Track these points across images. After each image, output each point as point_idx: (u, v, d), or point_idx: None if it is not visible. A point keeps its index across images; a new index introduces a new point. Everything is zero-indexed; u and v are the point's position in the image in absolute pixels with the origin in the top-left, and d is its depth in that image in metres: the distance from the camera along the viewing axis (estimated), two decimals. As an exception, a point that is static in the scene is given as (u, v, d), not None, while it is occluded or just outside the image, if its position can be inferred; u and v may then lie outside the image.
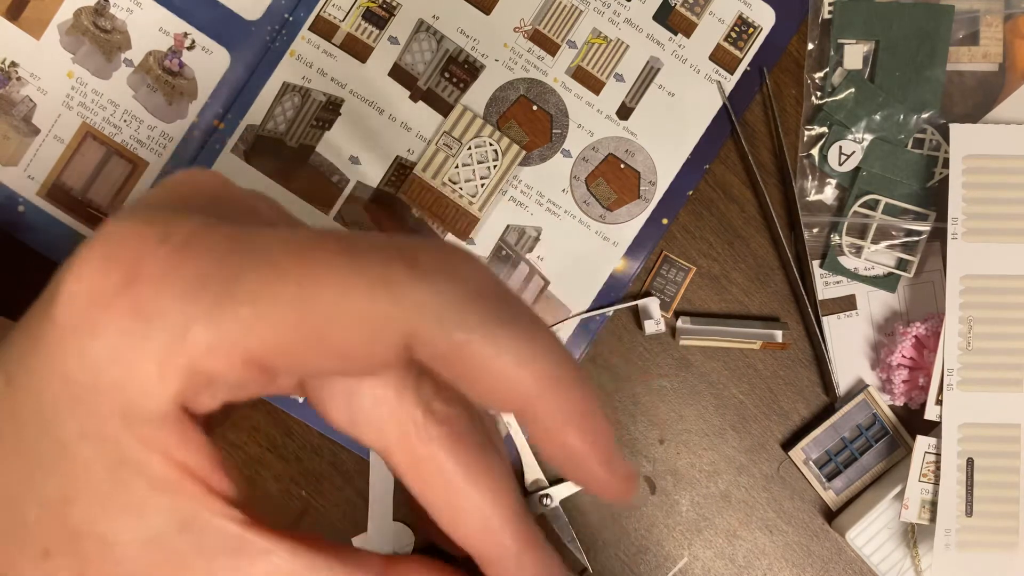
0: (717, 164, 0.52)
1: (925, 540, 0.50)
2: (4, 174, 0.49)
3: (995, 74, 0.51)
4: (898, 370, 0.50)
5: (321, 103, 0.50)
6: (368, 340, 0.17)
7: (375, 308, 0.17)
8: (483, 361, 0.17)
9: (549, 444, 0.18)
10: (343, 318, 0.17)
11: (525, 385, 0.17)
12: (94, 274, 0.18)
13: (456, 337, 0.17)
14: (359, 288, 0.17)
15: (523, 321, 0.18)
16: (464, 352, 0.17)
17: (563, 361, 0.18)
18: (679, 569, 0.52)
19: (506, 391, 0.17)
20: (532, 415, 0.18)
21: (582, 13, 0.51)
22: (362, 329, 0.17)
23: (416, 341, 0.17)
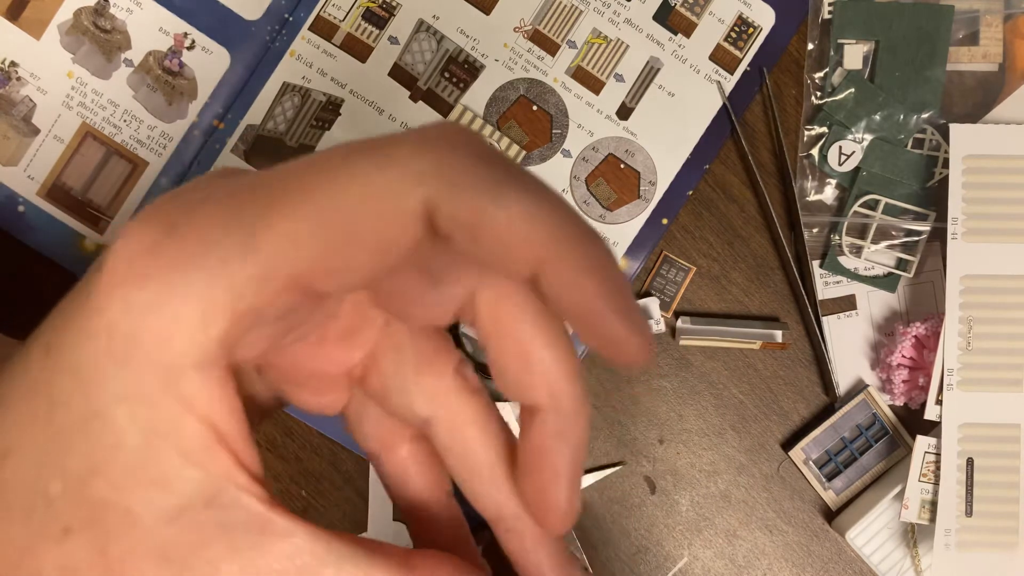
0: (717, 164, 0.52)
1: (925, 540, 0.50)
2: (4, 174, 0.49)
3: (995, 74, 0.51)
4: (898, 370, 0.50)
5: (321, 103, 0.50)
6: (393, 218, 0.17)
7: (391, 185, 0.17)
8: (496, 221, 0.17)
9: (567, 302, 0.18)
10: (367, 205, 0.17)
11: (539, 238, 0.17)
12: (142, 231, 0.18)
13: (467, 200, 0.17)
14: (373, 173, 0.17)
15: (527, 181, 0.18)
16: (478, 214, 0.17)
17: (573, 216, 0.18)
18: (679, 569, 0.52)
19: (521, 248, 0.17)
20: (548, 274, 0.18)
21: (582, 13, 0.51)
22: (385, 209, 0.17)
23: (435, 210, 0.17)
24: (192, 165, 0.49)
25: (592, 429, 0.51)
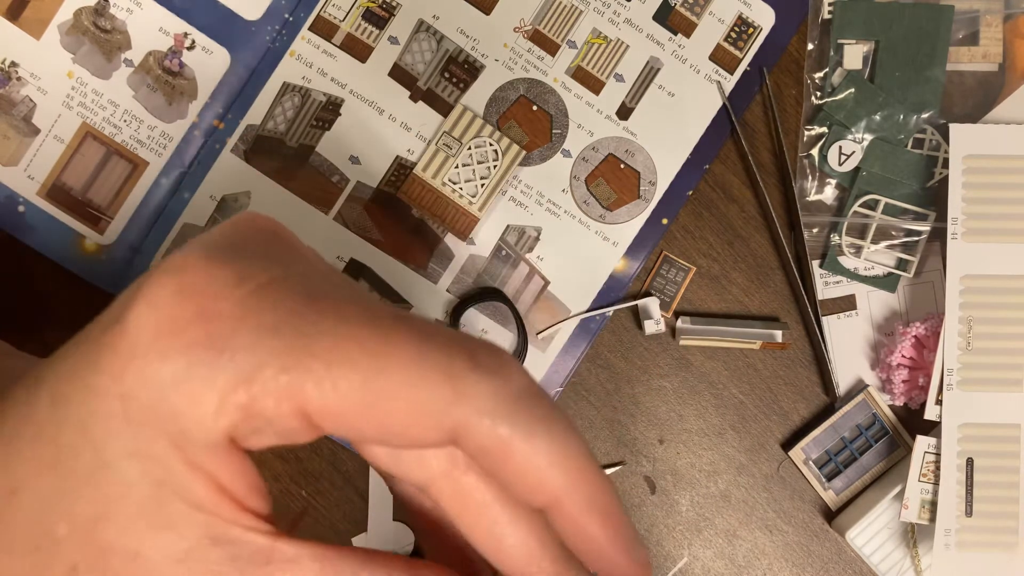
0: (717, 164, 0.52)
1: (925, 540, 0.50)
2: (4, 174, 0.49)
3: (995, 74, 0.51)
4: (898, 370, 0.50)
5: (321, 103, 0.50)
6: (422, 425, 0.18)
7: (436, 397, 0.18)
8: (521, 457, 0.19)
9: (575, 534, 0.20)
10: (405, 400, 0.18)
11: (556, 481, 0.19)
12: (168, 303, 0.19)
13: (501, 433, 0.18)
14: (427, 375, 0.18)
15: (557, 422, 0.19)
16: (505, 448, 0.19)
17: (589, 462, 0.20)
18: (679, 569, 0.52)
19: (539, 485, 0.19)
20: (560, 508, 0.19)
21: (582, 13, 0.51)
22: (420, 414, 0.18)
23: (465, 432, 0.18)
24: (192, 165, 0.49)
25: (592, 429, 0.52)
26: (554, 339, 0.51)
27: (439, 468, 0.21)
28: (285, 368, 0.18)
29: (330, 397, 0.18)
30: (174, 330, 0.18)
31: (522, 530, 0.21)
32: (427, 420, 0.18)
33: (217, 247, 0.20)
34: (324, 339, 0.18)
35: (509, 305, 0.50)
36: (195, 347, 0.18)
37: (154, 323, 0.19)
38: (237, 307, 0.19)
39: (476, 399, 0.18)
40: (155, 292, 0.19)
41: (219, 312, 0.18)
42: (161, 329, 0.18)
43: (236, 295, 0.19)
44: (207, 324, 0.18)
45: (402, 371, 0.18)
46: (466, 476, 0.21)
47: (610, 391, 0.52)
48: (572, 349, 0.51)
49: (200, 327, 0.18)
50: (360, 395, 0.18)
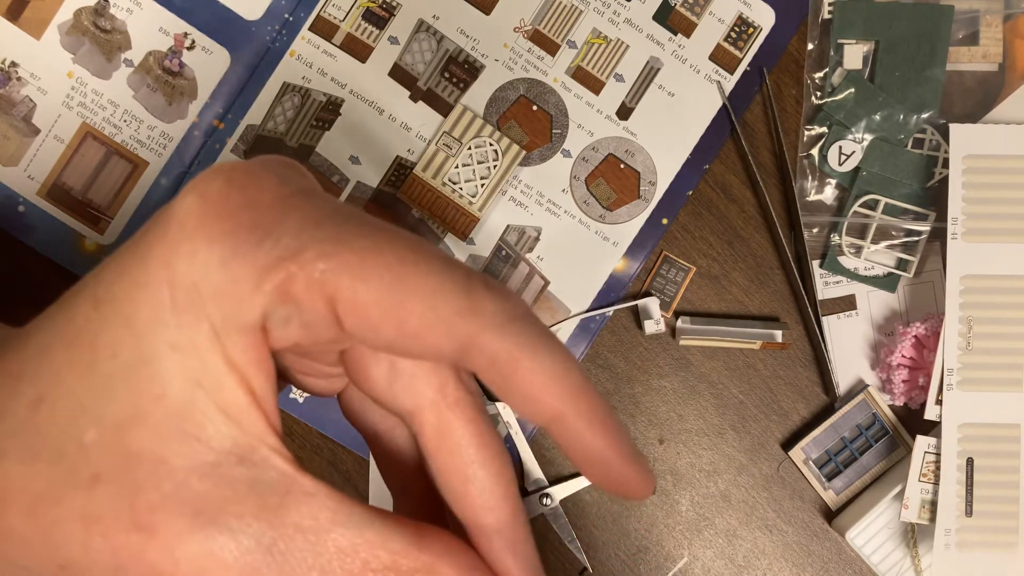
0: (717, 164, 0.52)
1: (925, 540, 0.50)
2: (4, 174, 0.49)
3: (995, 74, 0.51)
4: (898, 370, 0.50)
5: (321, 103, 0.50)
6: (439, 331, 0.19)
7: (455, 306, 0.19)
8: (527, 370, 0.19)
9: (578, 446, 0.20)
10: (428, 305, 0.19)
11: (560, 394, 0.20)
12: (216, 192, 0.20)
13: (510, 346, 0.19)
14: (447, 286, 0.19)
15: (557, 344, 0.20)
16: (514, 360, 0.19)
17: (587, 380, 0.21)
18: (679, 569, 0.52)
19: (543, 397, 0.20)
20: (564, 421, 0.20)
21: (582, 13, 0.51)
22: (439, 319, 0.19)
23: (478, 342, 0.19)
24: (192, 165, 0.49)
25: (592, 429, 0.51)
26: (554, 339, 0.51)
27: (428, 397, 0.22)
28: (324, 255, 0.19)
29: (360, 291, 0.19)
30: (222, 215, 0.19)
31: (490, 476, 0.21)
32: (444, 326, 0.19)
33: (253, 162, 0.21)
34: (361, 240, 0.19)
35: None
36: (241, 230, 0.19)
37: (202, 210, 0.19)
38: (281, 201, 0.20)
39: (489, 313, 0.19)
40: (202, 184, 0.20)
41: (265, 203, 0.19)
42: (209, 214, 0.19)
43: (281, 192, 0.20)
44: (253, 212, 0.19)
45: (428, 279, 0.19)
46: (450, 411, 0.22)
47: (610, 391, 0.52)
48: (572, 349, 0.51)
49: (247, 213, 0.19)
50: (388, 293, 0.19)
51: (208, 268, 0.19)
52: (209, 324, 0.19)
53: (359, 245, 0.19)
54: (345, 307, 0.19)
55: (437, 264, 0.19)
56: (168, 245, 0.19)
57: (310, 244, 0.19)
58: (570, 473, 0.51)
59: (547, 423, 0.20)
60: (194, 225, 0.19)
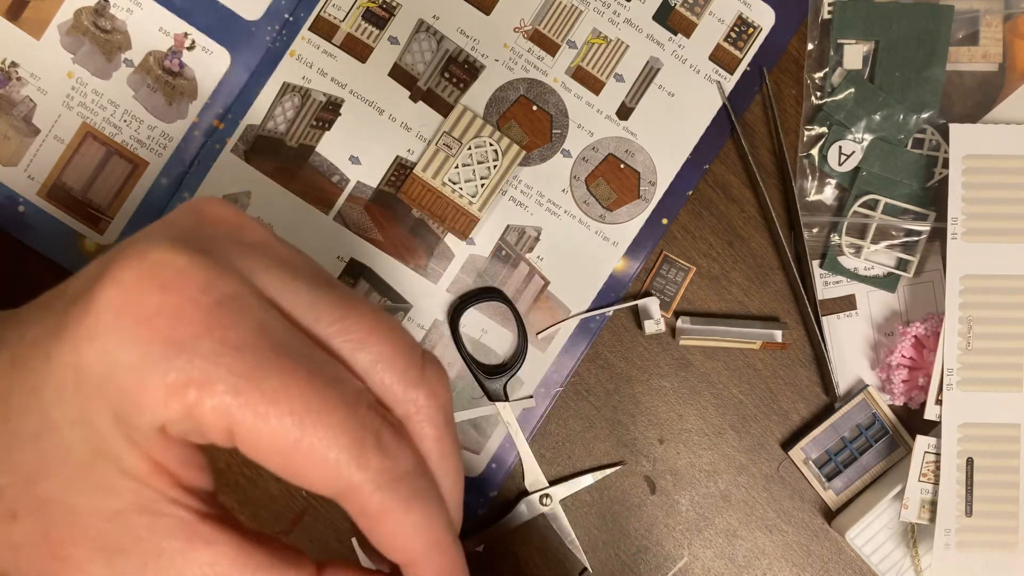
0: (717, 164, 0.52)
1: (925, 540, 0.50)
2: (4, 174, 0.49)
3: (995, 74, 0.51)
4: (898, 370, 0.50)
5: (321, 103, 0.50)
6: (323, 477, 0.21)
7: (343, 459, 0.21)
8: (394, 524, 0.22)
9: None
10: (319, 456, 0.21)
11: (417, 547, 0.22)
12: (135, 289, 0.20)
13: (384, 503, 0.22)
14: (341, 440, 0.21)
15: (432, 499, 0.23)
16: (384, 515, 0.22)
17: (450, 538, 0.23)
18: (679, 569, 0.52)
19: (403, 547, 0.22)
20: (414, 568, 0.23)
21: (582, 13, 0.51)
22: (326, 469, 0.21)
23: (355, 493, 0.21)
24: (192, 165, 0.49)
25: (592, 429, 0.52)
26: (554, 339, 0.51)
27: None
28: (234, 390, 0.20)
29: (260, 430, 0.20)
30: (138, 318, 0.20)
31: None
32: (329, 474, 0.21)
33: (182, 238, 0.21)
34: (272, 379, 0.20)
35: (509, 305, 0.50)
36: (157, 339, 0.20)
37: (120, 307, 0.20)
38: (203, 315, 0.20)
39: (374, 471, 0.21)
40: (123, 276, 0.20)
41: (185, 313, 0.20)
42: (125, 314, 0.20)
43: (203, 302, 0.20)
44: (172, 321, 0.20)
45: (325, 430, 0.21)
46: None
47: (610, 391, 0.52)
48: (572, 349, 0.51)
49: (165, 321, 0.20)
50: (284, 437, 0.20)
51: (116, 370, 0.20)
52: (111, 414, 0.20)
53: (269, 386, 0.20)
54: (243, 439, 0.20)
55: (339, 414, 0.21)
56: (81, 335, 0.20)
57: (222, 376, 0.20)
58: (570, 473, 0.51)
59: (402, 565, 0.23)
60: (109, 323, 0.20)
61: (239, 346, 0.20)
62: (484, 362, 0.51)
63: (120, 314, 0.20)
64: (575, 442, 0.52)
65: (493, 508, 0.51)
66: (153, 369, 0.19)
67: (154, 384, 0.19)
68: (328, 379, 0.21)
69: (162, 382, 0.19)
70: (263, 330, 0.21)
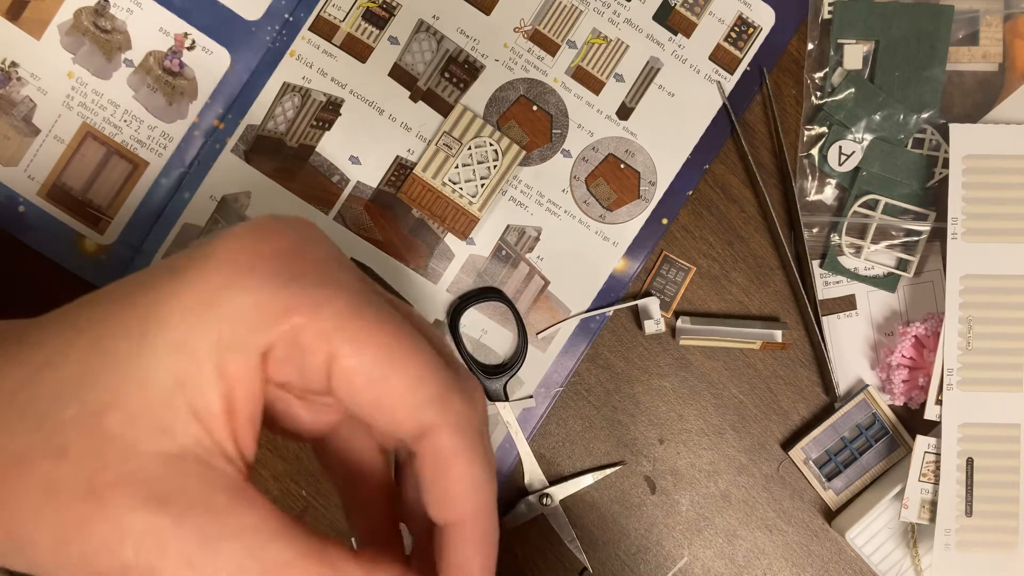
0: (717, 164, 0.52)
1: (925, 540, 0.50)
2: (4, 174, 0.49)
3: (995, 74, 0.51)
4: (898, 370, 0.50)
5: (321, 103, 0.50)
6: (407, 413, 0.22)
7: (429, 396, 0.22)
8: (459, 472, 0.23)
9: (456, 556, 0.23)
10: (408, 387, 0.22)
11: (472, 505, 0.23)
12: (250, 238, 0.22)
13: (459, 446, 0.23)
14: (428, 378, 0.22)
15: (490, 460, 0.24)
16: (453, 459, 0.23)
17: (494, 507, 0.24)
18: (679, 569, 0.52)
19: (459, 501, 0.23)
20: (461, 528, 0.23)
21: (582, 13, 0.51)
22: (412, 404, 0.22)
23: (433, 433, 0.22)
24: (192, 165, 0.49)
25: (592, 429, 0.52)
26: (554, 339, 0.51)
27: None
28: (338, 317, 0.21)
29: (356, 358, 0.21)
30: (256, 255, 0.21)
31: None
32: (415, 412, 0.22)
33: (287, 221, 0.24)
34: (370, 314, 0.22)
35: (509, 305, 0.50)
36: (272, 272, 0.21)
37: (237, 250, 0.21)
38: (313, 257, 0.22)
39: (454, 413, 0.22)
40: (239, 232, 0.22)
41: (298, 255, 0.22)
42: (243, 254, 0.21)
43: (313, 250, 0.22)
44: (286, 260, 0.22)
45: (415, 367, 0.22)
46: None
47: (610, 391, 0.52)
48: (572, 349, 0.51)
49: (280, 260, 0.22)
50: (378, 367, 0.21)
51: (234, 292, 0.21)
52: (217, 335, 0.21)
53: (369, 318, 0.22)
54: (339, 365, 0.21)
55: (427, 355, 0.22)
56: (202, 269, 0.21)
57: (329, 303, 0.21)
58: (570, 473, 0.51)
59: (447, 523, 0.23)
60: (229, 259, 0.21)
61: (344, 285, 0.22)
62: (484, 362, 0.51)
63: (238, 255, 0.21)
64: (575, 442, 0.52)
65: (493, 508, 0.51)
66: (269, 293, 0.21)
67: (268, 305, 0.21)
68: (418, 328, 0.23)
69: (275, 303, 0.21)
70: (363, 280, 0.23)
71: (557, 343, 0.51)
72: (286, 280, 0.21)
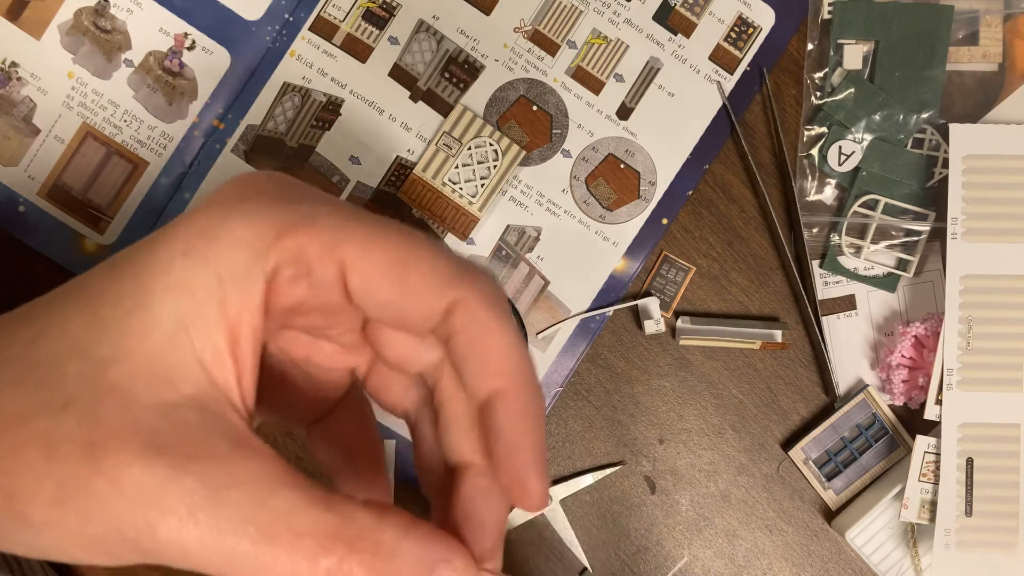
0: (717, 164, 0.52)
1: (925, 540, 0.50)
2: (4, 174, 0.49)
3: (995, 74, 0.51)
4: (898, 370, 0.50)
5: (321, 103, 0.50)
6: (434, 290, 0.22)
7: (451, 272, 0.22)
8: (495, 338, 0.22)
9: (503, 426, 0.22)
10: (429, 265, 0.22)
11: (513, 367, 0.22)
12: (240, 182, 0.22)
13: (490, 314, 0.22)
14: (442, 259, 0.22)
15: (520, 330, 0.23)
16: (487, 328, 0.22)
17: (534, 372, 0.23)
18: (679, 569, 0.52)
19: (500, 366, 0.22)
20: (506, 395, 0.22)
21: (582, 13, 0.51)
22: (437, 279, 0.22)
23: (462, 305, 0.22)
24: (192, 165, 0.49)
25: (592, 429, 0.52)
26: (554, 339, 0.51)
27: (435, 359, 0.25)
28: (339, 225, 0.21)
29: (368, 256, 0.21)
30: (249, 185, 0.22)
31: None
32: (439, 287, 0.22)
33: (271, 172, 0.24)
34: (371, 220, 0.22)
35: (509, 305, 0.50)
36: (266, 197, 0.21)
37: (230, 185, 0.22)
38: (301, 188, 0.23)
39: (478, 284, 0.22)
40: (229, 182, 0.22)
41: (287, 187, 0.22)
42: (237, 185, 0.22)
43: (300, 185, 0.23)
44: (279, 188, 0.22)
45: (430, 253, 0.22)
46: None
47: (610, 391, 0.52)
48: (572, 349, 0.51)
49: (274, 188, 0.22)
50: (394, 256, 0.21)
51: (230, 220, 0.21)
52: (216, 271, 0.20)
53: (368, 220, 0.22)
54: (352, 272, 0.21)
55: (436, 245, 0.22)
56: (193, 215, 0.21)
57: (327, 214, 0.21)
58: (570, 473, 0.51)
59: (489, 395, 0.22)
60: (218, 201, 0.21)
61: (337, 204, 0.22)
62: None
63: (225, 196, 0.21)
64: (575, 442, 0.52)
65: (493, 508, 0.51)
66: (266, 215, 0.21)
67: (266, 227, 0.21)
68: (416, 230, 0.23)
69: (274, 223, 0.21)
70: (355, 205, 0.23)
71: (557, 343, 0.51)
72: (279, 204, 0.21)
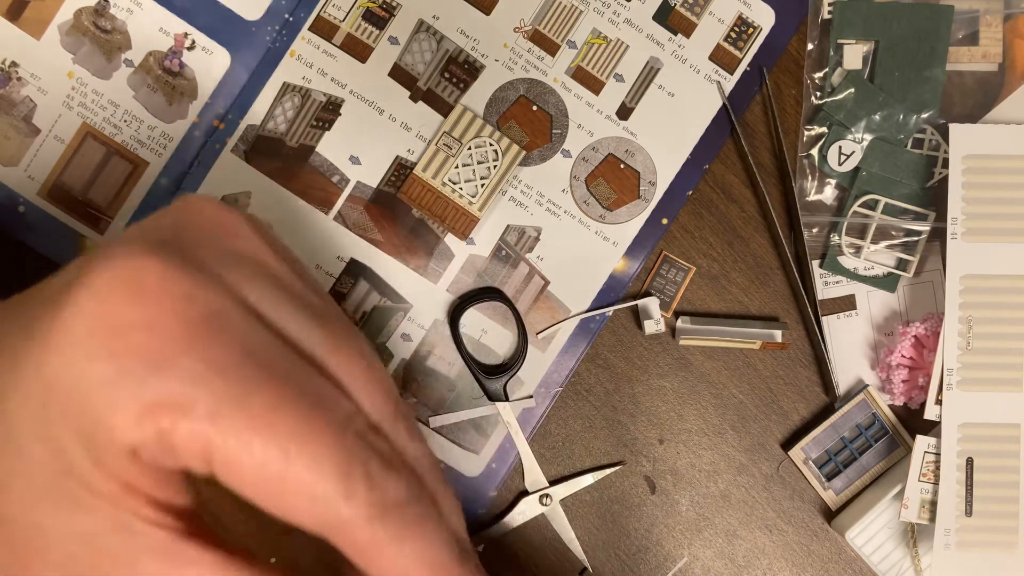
0: (717, 164, 0.52)
1: (925, 540, 0.50)
2: (4, 174, 0.49)
3: (995, 74, 0.51)
4: (898, 370, 0.50)
5: (321, 103, 0.50)
6: (309, 512, 0.19)
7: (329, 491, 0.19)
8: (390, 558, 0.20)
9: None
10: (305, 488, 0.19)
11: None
12: (108, 297, 0.18)
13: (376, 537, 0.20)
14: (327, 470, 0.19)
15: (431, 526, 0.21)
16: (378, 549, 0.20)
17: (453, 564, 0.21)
18: (679, 569, 0.52)
19: None
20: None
21: (582, 13, 0.51)
22: (311, 503, 0.19)
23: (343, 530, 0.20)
24: (192, 165, 0.49)
25: (592, 429, 0.52)
26: (554, 339, 0.51)
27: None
28: (216, 415, 0.18)
29: (242, 459, 0.18)
30: (111, 329, 0.18)
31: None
32: (317, 508, 0.19)
33: (163, 243, 0.19)
34: (256, 403, 0.18)
35: (509, 305, 0.50)
36: (130, 354, 0.18)
37: (91, 315, 0.18)
38: (183, 329, 0.18)
39: (362, 504, 0.19)
40: (97, 282, 0.18)
41: (163, 327, 0.18)
42: (97, 324, 0.18)
43: (183, 314, 0.18)
44: (148, 335, 0.18)
45: (312, 463, 0.19)
46: None
47: (610, 391, 0.52)
48: (572, 349, 0.51)
49: (140, 335, 0.18)
50: (269, 469, 0.18)
51: (85, 384, 0.18)
52: (77, 435, 0.18)
53: (253, 411, 0.18)
54: (221, 465, 0.18)
55: (327, 441, 0.19)
56: (51, 342, 0.18)
57: (202, 398, 0.18)
58: (570, 473, 0.51)
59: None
60: (80, 333, 0.18)
61: (221, 366, 0.18)
62: (484, 362, 0.51)
63: (92, 324, 0.18)
64: (575, 442, 0.52)
65: (493, 508, 0.51)
66: (125, 387, 0.18)
67: (126, 404, 0.18)
68: (315, 402, 0.19)
69: (135, 402, 0.18)
70: (247, 348, 0.19)
71: (557, 343, 0.51)
72: (150, 365, 0.18)
